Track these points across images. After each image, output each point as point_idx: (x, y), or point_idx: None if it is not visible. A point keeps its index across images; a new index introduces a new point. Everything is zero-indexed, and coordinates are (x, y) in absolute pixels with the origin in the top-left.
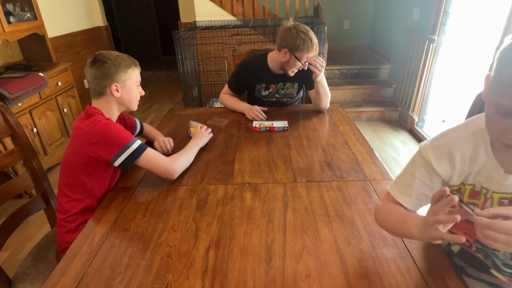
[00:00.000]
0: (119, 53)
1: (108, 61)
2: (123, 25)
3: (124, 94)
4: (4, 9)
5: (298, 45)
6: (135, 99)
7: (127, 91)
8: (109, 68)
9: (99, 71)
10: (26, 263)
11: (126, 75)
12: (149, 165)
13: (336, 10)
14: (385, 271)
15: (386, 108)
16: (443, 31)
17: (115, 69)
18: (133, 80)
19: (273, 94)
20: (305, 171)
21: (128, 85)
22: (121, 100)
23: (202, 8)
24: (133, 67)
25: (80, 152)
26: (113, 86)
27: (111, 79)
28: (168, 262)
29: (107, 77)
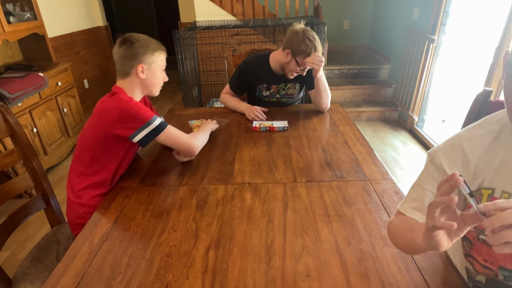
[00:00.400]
0: (148, 36)
1: (137, 42)
2: (123, 25)
3: (149, 76)
4: (4, 9)
5: (301, 49)
6: (158, 83)
7: (152, 74)
8: (137, 48)
9: (128, 50)
10: (25, 263)
11: (153, 57)
12: (170, 141)
13: (336, 10)
14: (385, 271)
15: (386, 108)
16: (443, 31)
17: (143, 50)
18: (159, 64)
19: (274, 95)
20: (305, 171)
21: (153, 68)
22: (145, 82)
23: (202, 8)
24: (160, 51)
25: (99, 127)
26: (139, 67)
27: (138, 59)
28: (168, 262)
29: (134, 57)
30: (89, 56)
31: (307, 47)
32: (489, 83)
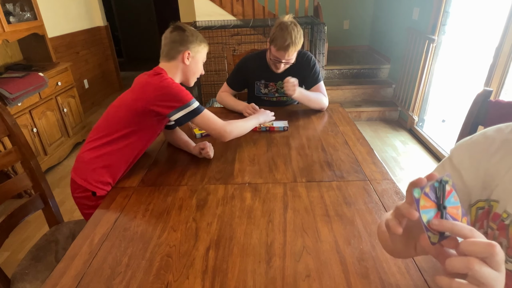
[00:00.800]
0: (196, 30)
1: (188, 31)
2: (123, 25)
3: (192, 64)
4: (4, 9)
5: (272, 38)
6: (197, 73)
7: (195, 63)
8: (189, 36)
9: (179, 36)
10: (24, 263)
11: (199, 47)
12: (204, 125)
13: (336, 10)
14: (385, 271)
15: (386, 108)
16: (443, 31)
17: (193, 39)
18: (202, 55)
19: (273, 93)
20: (305, 171)
21: (197, 57)
22: (187, 69)
23: (202, 8)
24: (205, 44)
25: (140, 100)
26: (186, 53)
27: (187, 46)
28: (168, 262)
29: (184, 43)
30: (89, 56)
31: (277, 37)
32: (489, 83)
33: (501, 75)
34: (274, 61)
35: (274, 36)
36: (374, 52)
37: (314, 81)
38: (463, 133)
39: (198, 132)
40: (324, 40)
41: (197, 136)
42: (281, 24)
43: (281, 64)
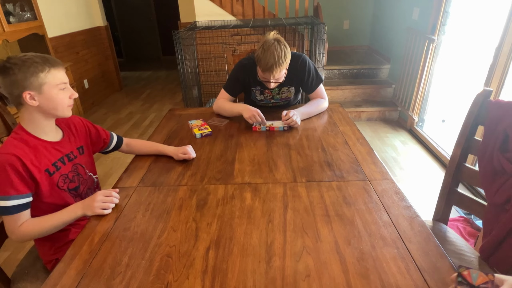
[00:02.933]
0: (31, 55)
1: (14, 67)
2: (123, 25)
3: (43, 101)
4: (4, 9)
5: (257, 59)
6: (60, 104)
7: (46, 98)
8: (16, 74)
9: (6, 79)
10: (24, 263)
11: (39, 79)
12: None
13: (336, 10)
14: (385, 271)
15: (386, 108)
16: (443, 31)
17: (23, 75)
18: (51, 84)
19: (268, 100)
20: (305, 171)
21: (45, 90)
22: (42, 109)
23: (202, 8)
24: (47, 69)
25: None
26: (26, 94)
27: (21, 86)
28: (168, 262)
29: (16, 85)
30: (89, 56)
31: (260, 58)
32: (489, 83)
33: (501, 75)
34: (264, 81)
35: (258, 58)
36: (374, 52)
37: (312, 86)
38: (463, 133)
39: (198, 132)
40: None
41: (197, 136)
42: (263, 44)
43: (271, 84)
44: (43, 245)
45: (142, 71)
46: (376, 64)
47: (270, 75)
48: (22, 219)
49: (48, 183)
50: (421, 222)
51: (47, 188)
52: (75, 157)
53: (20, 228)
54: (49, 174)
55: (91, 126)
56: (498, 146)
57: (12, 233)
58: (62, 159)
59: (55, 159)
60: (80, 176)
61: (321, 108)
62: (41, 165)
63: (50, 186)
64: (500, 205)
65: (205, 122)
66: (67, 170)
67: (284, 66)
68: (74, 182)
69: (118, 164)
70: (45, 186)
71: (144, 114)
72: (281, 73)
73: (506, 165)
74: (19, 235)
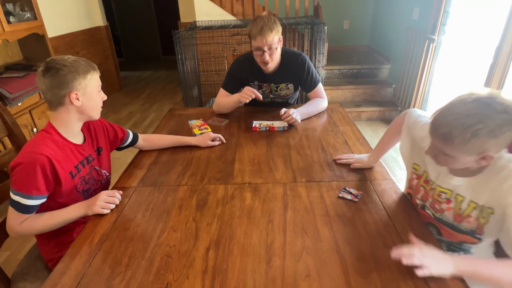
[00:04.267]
0: (75, 58)
1: (63, 68)
2: (123, 25)
3: (85, 101)
4: (4, 9)
5: (249, 33)
6: (97, 106)
7: (88, 98)
8: (66, 75)
9: (55, 80)
10: (24, 263)
11: (86, 80)
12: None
13: (336, 10)
14: (385, 271)
15: (386, 108)
16: (443, 31)
17: (72, 76)
18: (94, 86)
19: (267, 94)
20: (305, 171)
21: (89, 91)
22: (82, 109)
23: (202, 8)
24: (92, 72)
25: None
26: (73, 94)
27: (69, 87)
28: (168, 262)
29: (64, 85)
30: (89, 56)
31: (254, 27)
32: (489, 83)
33: (501, 75)
34: (259, 56)
35: (249, 29)
36: (374, 52)
37: (311, 85)
38: None
39: (198, 132)
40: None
41: (197, 136)
42: (254, 19)
43: (265, 54)
44: (47, 244)
45: (142, 71)
46: (376, 64)
47: (263, 40)
48: (26, 217)
49: (69, 184)
50: (420, 222)
51: (67, 189)
52: (93, 160)
53: (22, 224)
54: (72, 176)
55: (109, 126)
56: None
57: (12, 229)
58: (82, 161)
59: (77, 161)
60: (93, 178)
61: (321, 108)
62: (67, 167)
63: (70, 188)
64: None
65: (205, 122)
66: (85, 173)
67: (275, 32)
68: (88, 183)
69: (118, 164)
70: (66, 187)
71: (144, 114)
72: (273, 39)
73: None
74: (18, 231)
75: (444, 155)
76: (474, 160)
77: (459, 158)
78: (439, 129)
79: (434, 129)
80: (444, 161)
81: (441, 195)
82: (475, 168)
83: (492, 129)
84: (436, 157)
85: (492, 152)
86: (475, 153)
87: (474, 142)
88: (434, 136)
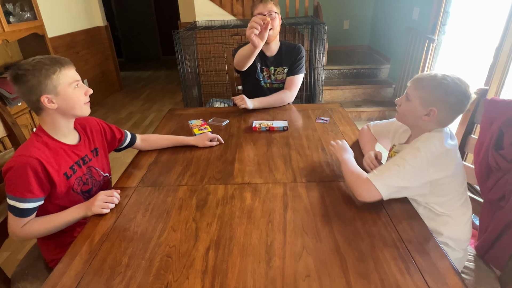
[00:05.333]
0: (39, 58)
1: (26, 73)
2: (123, 25)
3: (61, 102)
4: (4, 9)
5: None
6: (77, 103)
7: (63, 98)
8: (30, 81)
9: (22, 87)
10: (24, 263)
11: (53, 81)
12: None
13: (336, 10)
14: (385, 271)
15: (386, 108)
16: (443, 31)
17: (37, 80)
18: (65, 84)
19: (266, 79)
20: (305, 171)
21: (60, 91)
22: (62, 110)
23: (202, 8)
24: (58, 70)
25: None
26: (43, 98)
27: (38, 91)
28: (168, 262)
29: (32, 91)
30: (89, 56)
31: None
32: (489, 83)
33: (501, 75)
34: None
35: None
36: (374, 52)
37: (293, 71)
38: (460, 131)
39: (198, 132)
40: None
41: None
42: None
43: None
44: (48, 244)
45: (142, 71)
46: (376, 64)
47: (263, 6)
48: (27, 220)
49: (64, 185)
50: (421, 222)
51: (62, 191)
52: (89, 160)
53: (23, 228)
54: (67, 177)
55: (107, 127)
56: (493, 143)
57: (14, 233)
58: (78, 162)
59: (72, 162)
60: (93, 178)
61: (281, 102)
62: (61, 168)
63: (66, 189)
64: (495, 202)
65: (205, 122)
66: (82, 173)
67: (275, 4)
68: (87, 184)
69: (118, 164)
70: (61, 188)
71: (144, 114)
72: (273, 7)
73: (501, 162)
74: (20, 235)
75: (406, 101)
76: (423, 113)
77: (414, 105)
78: (417, 76)
79: (413, 77)
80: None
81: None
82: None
83: (449, 89)
84: (399, 105)
85: (438, 108)
86: (427, 103)
87: (433, 91)
88: (411, 81)
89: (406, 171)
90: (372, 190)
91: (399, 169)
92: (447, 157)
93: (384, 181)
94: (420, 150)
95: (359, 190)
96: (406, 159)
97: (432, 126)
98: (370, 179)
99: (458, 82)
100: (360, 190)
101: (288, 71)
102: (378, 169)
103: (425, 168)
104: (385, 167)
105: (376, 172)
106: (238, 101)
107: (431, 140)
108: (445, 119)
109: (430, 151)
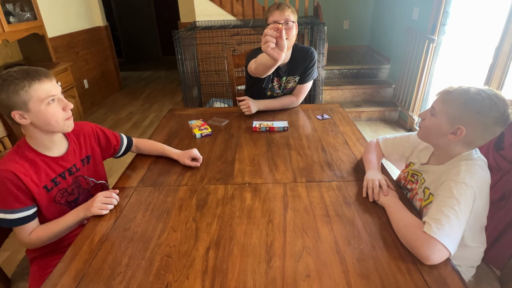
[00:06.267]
0: (12, 71)
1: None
2: (123, 25)
3: (33, 118)
4: (4, 9)
5: (266, 13)
6: (52, 119)
7: (35, 115)
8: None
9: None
10: (24, 263)
11: (21, 97)
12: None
13: (336, 10)
14: (385, 271)
15: (386, 108)
16: (443, 31)
17: (5, 96)
18: (35, 100)
19: (276, 89)
20: (305, 171)
21: (32, 107)
22: (37, 126)
23: (202, 8)
24: (27, 85)
25: None
26: (14, 114)
27: (7, 108)
28: (168, 262)
29: (2, 107)
30: (89, 56)
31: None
32: (489, 83)
33: (501, 75)
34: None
35: (266, 11)
36: (374, 52)
37: (304, 80)
38: None
39: (198, 132)
40: (324, 40)
41: (197, 136)
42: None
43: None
44: None
45: (142, 71)
46: (376, 64)
47: (279, 14)
48: (31, 228)
49: (45, 198)
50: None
51: (45, 203)
52: (77, 170)
53: (31, 236)
54: (47, 190)
55: (101, 133)
56: (493, 143)
57: (23, 241)
58: (63, 174)
59: (55, 174)
60: (80, 188)
61: (287, 107)
62: (40, 181)
63: (48, 201)
64: (496, 202)
65: (205, 122)
66: (66, 185)
67: (292, 10)
68: (73, 194)
69: (118, 165)
70: (43, 201)
71: (144, 114)
72: (290, 16)
73: (501, 162)
74: (30, 242)
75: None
76: (449, 131)
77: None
78: (446, 89)
79: (443, 89)
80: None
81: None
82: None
83: (484, 108)
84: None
85: (467, 128)
86: (455, 120)
87: (462, 107)
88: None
89: (462, 213)
90: (441, 250)
91: (457, 214)
92: (488, 184)
93: (450, 236)
94: (468, 185)
95: (424, 252)
96: (458, 198)
97: (457, 147)
98: (435, 236)
99: (494, 99)
100: (426, 252)
101: (299, 79)
102: (432, 218)
103: (472, 202)
104: (440, 213)
105: (434, 224)
106: (244, 107)
107: (475, 169)
108: (475, 141)
109: (477, 185)
